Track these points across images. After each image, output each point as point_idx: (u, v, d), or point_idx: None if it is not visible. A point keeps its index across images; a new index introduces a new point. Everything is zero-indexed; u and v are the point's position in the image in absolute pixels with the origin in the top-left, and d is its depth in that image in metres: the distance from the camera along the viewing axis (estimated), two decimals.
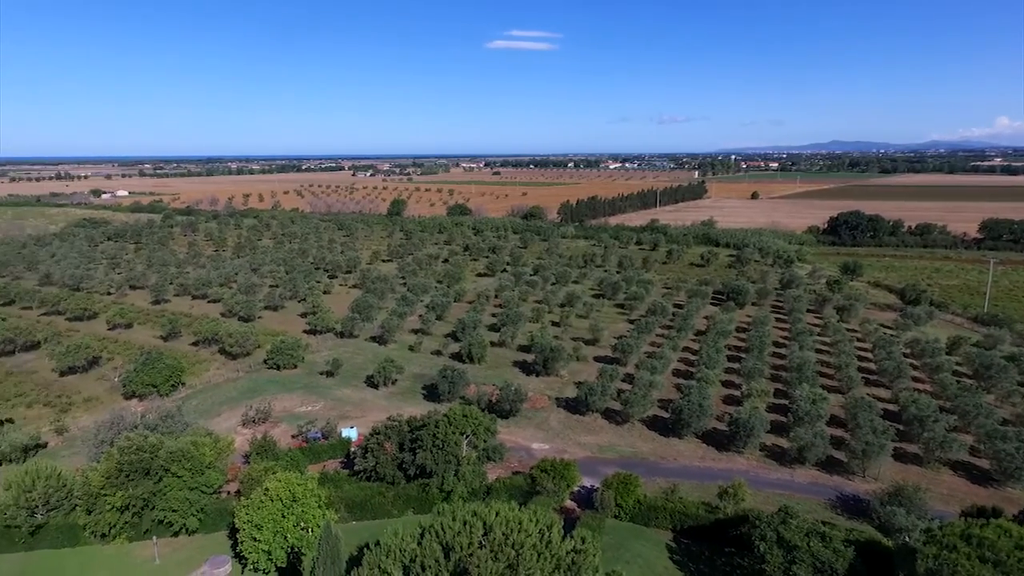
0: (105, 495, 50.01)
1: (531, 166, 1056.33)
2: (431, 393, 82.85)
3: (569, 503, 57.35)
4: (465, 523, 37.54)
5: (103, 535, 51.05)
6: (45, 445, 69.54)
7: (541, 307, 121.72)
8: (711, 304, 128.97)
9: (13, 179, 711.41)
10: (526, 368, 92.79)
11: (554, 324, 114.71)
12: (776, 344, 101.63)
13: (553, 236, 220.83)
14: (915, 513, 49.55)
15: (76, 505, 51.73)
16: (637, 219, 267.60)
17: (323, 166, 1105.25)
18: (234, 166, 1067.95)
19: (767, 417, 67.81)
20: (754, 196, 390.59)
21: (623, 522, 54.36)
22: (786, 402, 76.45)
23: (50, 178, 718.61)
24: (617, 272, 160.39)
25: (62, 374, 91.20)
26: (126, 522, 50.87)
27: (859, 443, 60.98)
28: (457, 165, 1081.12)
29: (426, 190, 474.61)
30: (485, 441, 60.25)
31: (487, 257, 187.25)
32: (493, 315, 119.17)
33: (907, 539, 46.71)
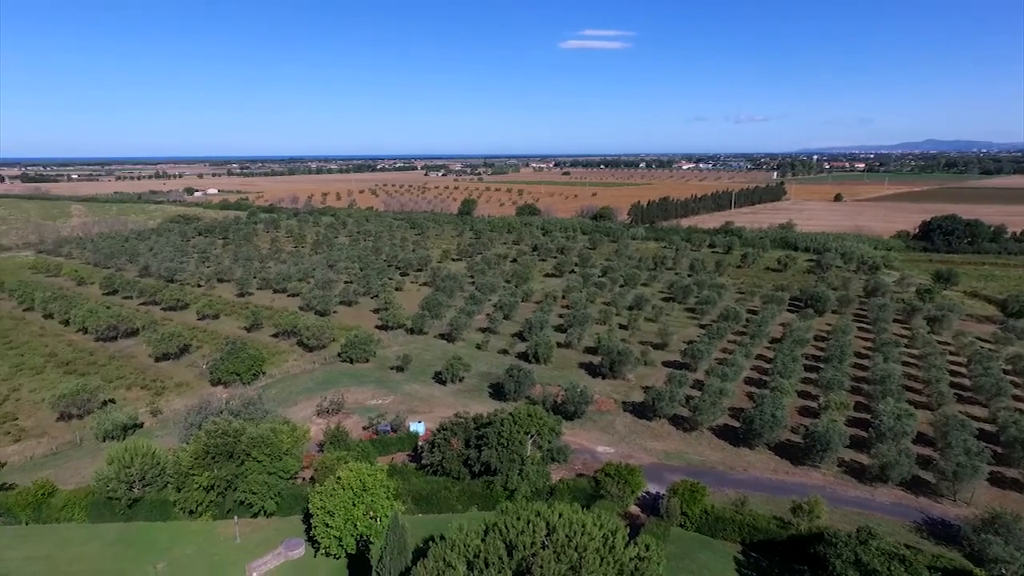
0: (193, 475, 53.54)
1: (601, 166, 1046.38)
2: (497, 391, 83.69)
3: (633, 509, 56.62)
4: (528, 522, 37.80)
5: (191, 512, 54.67)
6: (141, 425, 75.02)
7: (609, 309, 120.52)
8: (788, 311, 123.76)
9: (118, 178, 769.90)
10: (592, 370, 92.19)
11: (622, 327, 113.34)
12: (858, 355, 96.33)
13: (622, 237, 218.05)
14: (1014, 544, 45.89)
15: (168, 482, 55.59)
16: (710, 221, 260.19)
17: (397, 166, 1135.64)
18: (314, 166, 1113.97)
19: (846, 431, 64.43)
20: (838, 198, 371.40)
21: (689, 532, 53.17)
22: (867, 417, 72.43)
23: (149, 177, 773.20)
24: (688, 275, 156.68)
25: (157, 360, 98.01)
26: (211, 501, 54.28)
27: (950, 464, 57.02)
28: (527, 165, 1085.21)
29: (496, 190, 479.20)
30: (550, 442, 60.38)
31: (555, 258, 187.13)
32: (560, 316, 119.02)
33: (1003, 572, 43.35)
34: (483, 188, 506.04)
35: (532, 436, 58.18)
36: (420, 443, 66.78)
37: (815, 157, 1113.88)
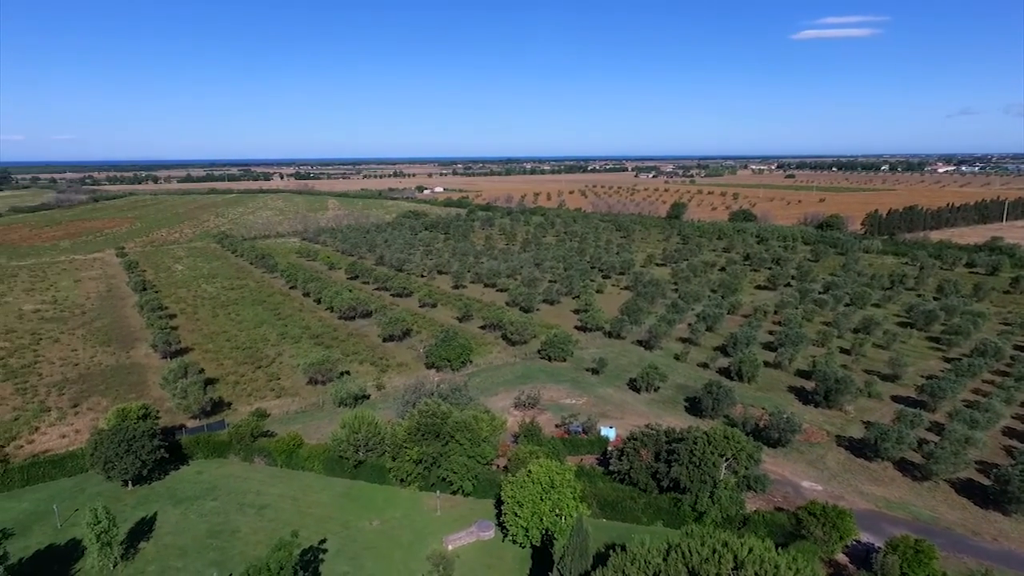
0: (406, 448, 60.18)
1: (833, 169, 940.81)
2: (693, 406, 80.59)
3: (840, 557, 50.79)
4: (714, 551, 36.14)
5: (401, 480, 61.54)
6: (368, 396, 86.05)
7: (829, 330, 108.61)
8: None
9: (365, 176, 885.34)
10: (803, 396, 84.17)
11: (843, 351, 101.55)
12: None
13: (852, 250, 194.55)
14: None
15: (385, 451, 63.16)
16: (971, 235, 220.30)
17: (607, 167, 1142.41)
18: (528, 166, 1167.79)
19: None
20: None
21: None
22: None
23: (389, 175, 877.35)
24: (935, 299, 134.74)
25: (384, 340, 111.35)
26: (419, 473, 60.50)
27: None
28: (745, 167, 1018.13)
29: (708, 193, 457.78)
30: (747, 468, 56.65)
31: (769, 268, 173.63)
32: (770, 332, 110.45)
33: None
34: (695, 191, 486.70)
35: (727, 459, 55.14)
36: (609, 448, 67.12)
37: None
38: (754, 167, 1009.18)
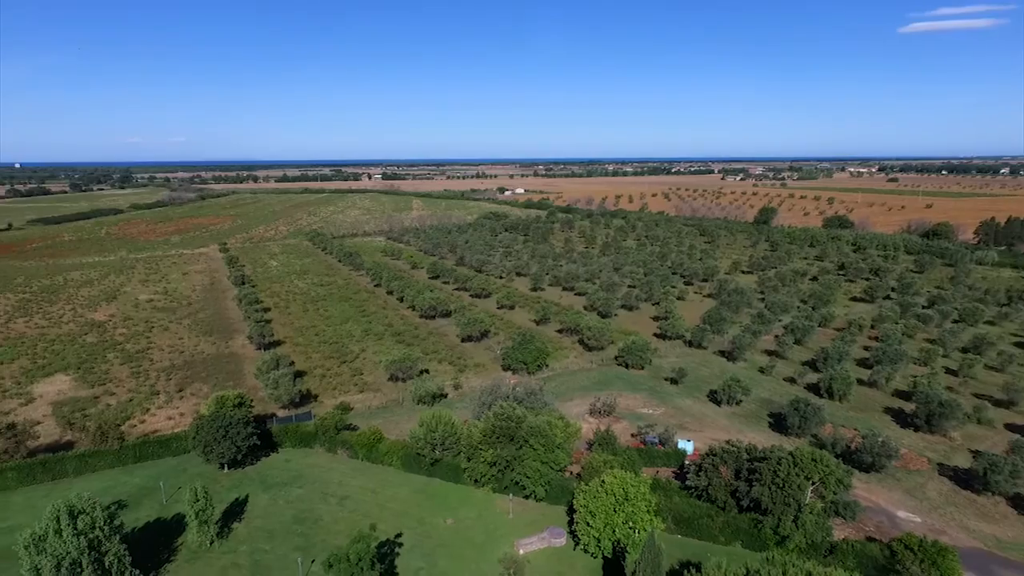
0: (480, 449, 61.06)
1: (943, 172, 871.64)
2: (778, 423, 77.04)
3: None
4: None
5: (476, 481, 62.49)
6: (446, 395, 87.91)
7: (933, 348, 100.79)
8: None
9: (448, 177, 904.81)
10: (902, 419, 78.58)
11: (949, 372, 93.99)
12: None
13: (963, 261, 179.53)
14: None
15: (460, 451, 64.29)
16: None
17: (692, 169, 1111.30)
18: (610, 168, 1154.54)
19: None
20: None
21: None
22: None
23: (471, 176, 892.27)
24: None
25: (463, 340, 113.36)
26: (492, 476, 61.21)
27: None
28: (842, 170, 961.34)
29: (801, 197, 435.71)
30: (835, 493, 53.62)
31: (867, 279, 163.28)
32: (865, 348, 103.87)
33: None
34: (786, 194, 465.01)
35: (814, 482, 52.39)
36: (687, 462, 65.31)
37: None
38: (852, 170, 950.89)
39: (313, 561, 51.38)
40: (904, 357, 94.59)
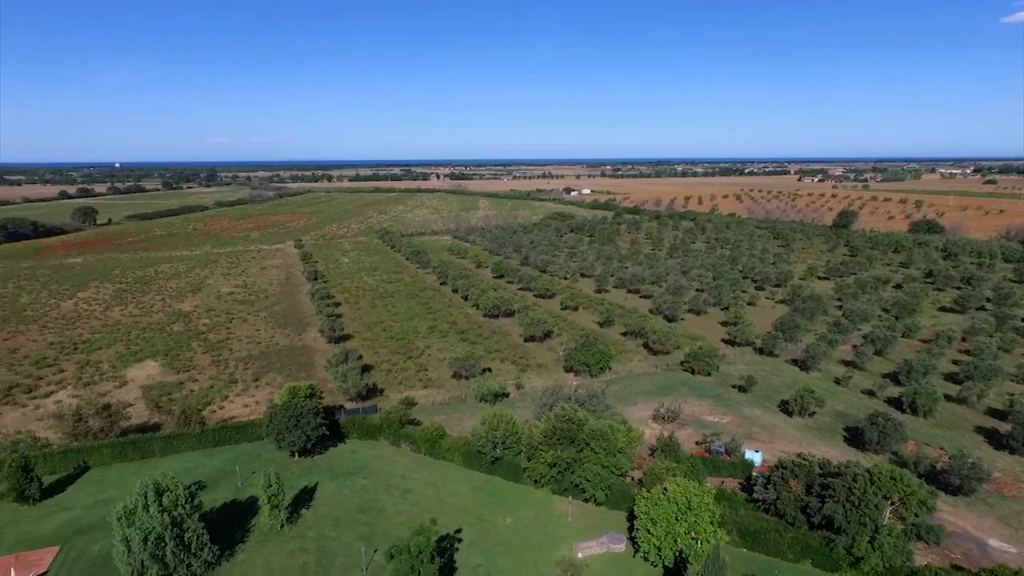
0: (541, 450, 61.05)
1: None
2: (854, 437, 73.20)
3: None
4: None
5: (535, 481, 62.53)
6: (508, 395, 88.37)
7: None
8: None
9: (515, 177, 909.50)
10: (995, 439, 73.06)
11: None
12: None
13: None
14: None
15: (521, 451, 64.49)
16: None
17: (767, 170, 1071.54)
18: (680, 168, 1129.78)
19: None
20: None
21: None
22: None
23: (537, 176, 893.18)
24: None
25: (525, 340, 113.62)
26: (552, 477, 61.09)
27: None
28: (932, 171, 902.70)
29: (885, 200, 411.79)
30: (916, 515, 50.49)
31: (958, 288, 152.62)
32: (954, 362, 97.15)
33: None
34: (868, 197, 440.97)
35: (893, 503, 49.47)
36: (754, 474, 63.10)
37: None
38: (943, 171, 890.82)
39: (376, 551, 52.77)
40: (999, 373, 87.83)
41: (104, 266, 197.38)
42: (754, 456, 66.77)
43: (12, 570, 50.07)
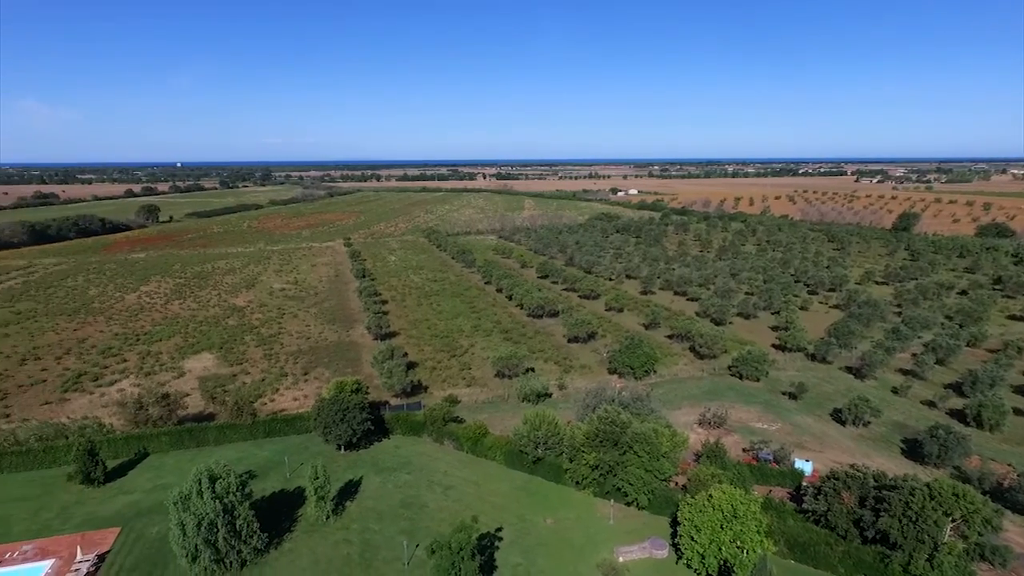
0: (583, 452, 60.61)
1: None
2: (912, 450, 70.10)
3: None
4: None
5: (577, 483, 62.14)
6: (550, 395, 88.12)
7: None
8: None
9: (560, 177, 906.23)
10: None
11: None
12: None
13: None
14: None
15: (563, 452, 64.18)
16: None
17: (822, 170, 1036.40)
18: (730, 169, 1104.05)
19: None
20: None
21: None
22: None
23: (584, 177, 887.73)
24: None
25: (569, 341, 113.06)
26: (594, 479, 60.59)
27: None
28: (1003, 171, 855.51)
29: (950, 202, 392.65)
30: (980, 534, 47.97)
31: None
32: None
33: None
34: (931, 199, 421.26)
35: (954, 520, 47.10)
36: (804, 484, 61.13)
37: None
38: (1016, 171, 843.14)
39: (417, 545, 53.43)
40: None
41: (165, 261, 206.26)
42: (804, 465, 64.68)
43: (79, 548, 52.81)
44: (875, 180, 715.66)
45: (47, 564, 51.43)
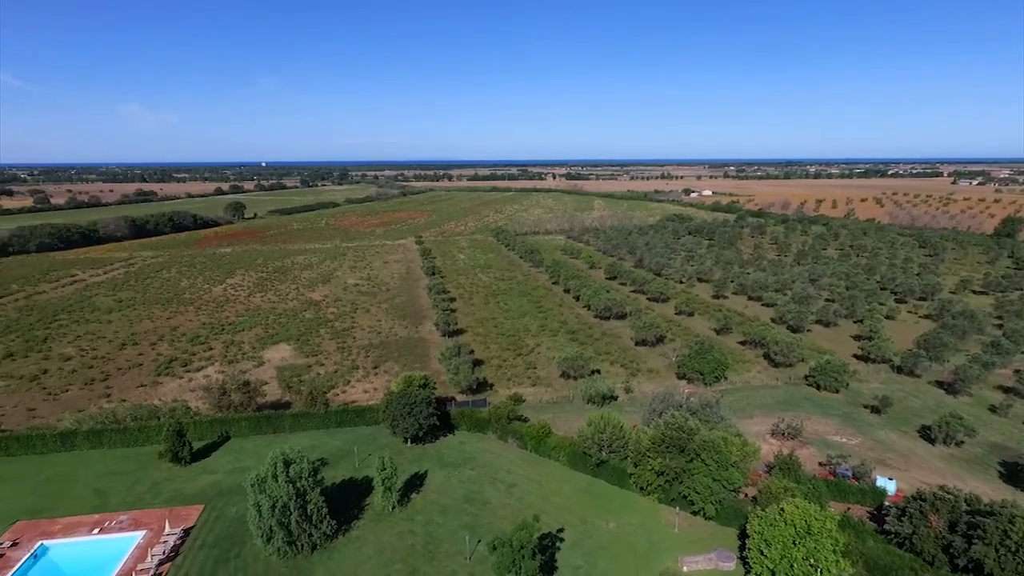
0: (648, 457, 59.46)
1: None
2: (1012, 474, 64.72)
3: None
4: None
5: (641, 488, 61.00)
6: (616, 398, 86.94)
7: None
8: None
9: (632, 178, 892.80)
10: None
11: None
12: None
13: None
14: None
15: (627, 456, 63.18)
16: None
17: (914, 171, 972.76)
18: (812, 169, 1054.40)
19: None
20: None
21: None
22: None
23: (656, 177, 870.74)
24: None
25: (636, 344, 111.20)
26: (659, 485, 59.31)
27: None
28: None
29: None
30: None
31: None
32: None
33: None
34: None
35: None
36: (887, 503, 57.66)
37: None
38: None
39: (479, 540, 53.96)
40: None
41: (249, 256, 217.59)
42: (887, 484, 60.93)
43: (167, 521, 56.56)
44: (975, 182, 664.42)
45: (140, 535, 55.34)
